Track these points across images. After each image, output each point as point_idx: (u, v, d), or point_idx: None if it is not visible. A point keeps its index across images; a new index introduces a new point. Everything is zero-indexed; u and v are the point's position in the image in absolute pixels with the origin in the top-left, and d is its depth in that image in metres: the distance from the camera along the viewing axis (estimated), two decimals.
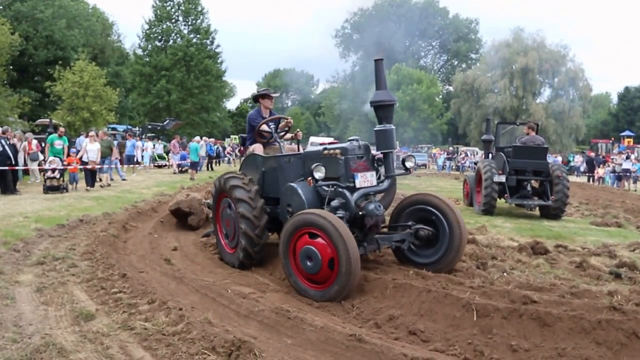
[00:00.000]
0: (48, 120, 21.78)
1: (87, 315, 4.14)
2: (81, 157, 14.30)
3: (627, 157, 24.97)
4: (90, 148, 14.14)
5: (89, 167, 14.00)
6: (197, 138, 23.56)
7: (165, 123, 31.62)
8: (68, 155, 14.76)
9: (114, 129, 27.56)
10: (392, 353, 3.42)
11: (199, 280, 5.39)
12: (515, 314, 3.95)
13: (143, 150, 22.97)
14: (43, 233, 7.34)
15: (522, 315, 3.93)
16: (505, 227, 9.63)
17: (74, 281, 5.16)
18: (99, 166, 14.53)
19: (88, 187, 13.72)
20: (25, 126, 23.53)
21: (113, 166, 17.43)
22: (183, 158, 21.80)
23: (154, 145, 25.25)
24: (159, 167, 23.81)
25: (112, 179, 16.78)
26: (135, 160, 21.52)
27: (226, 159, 32.81)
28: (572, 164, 34.32)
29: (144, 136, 29.03)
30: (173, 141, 24.41)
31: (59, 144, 14.27)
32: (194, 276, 5.59)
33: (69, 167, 13.78)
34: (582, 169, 31.82)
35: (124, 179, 17.06)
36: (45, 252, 6.24)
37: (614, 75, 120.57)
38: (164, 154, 25.11)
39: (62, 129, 15.34)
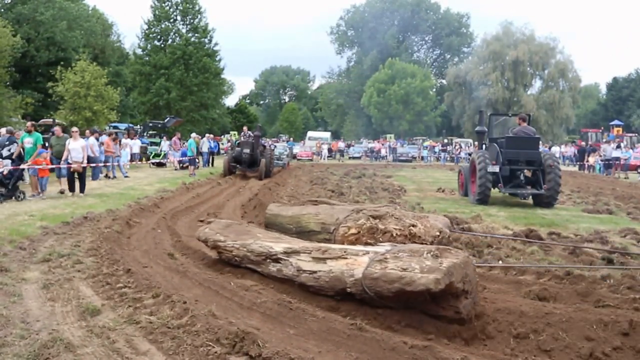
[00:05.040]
0: (51, 120, 21.88)
1: (93, 311, 4.19)
2: (66, 159, 12.18)
3: (618, 147, 25.06)
4: (73, 147, 12.29)
5: (82, 166, 12.22)
6: (194, 134, 23.54)
7: (166, 121, 31.80)
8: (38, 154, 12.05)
9: (115, 127, 27.64)
10: (392, 341, 3.47)
11: (202, 273, 5.46)
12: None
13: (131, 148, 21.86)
14: (48, 231, 7.41)
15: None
16: (499, 216, 9.72)
17: (80, 277, 5.22)
18: (83, 164, 12.44)
19: (70, 193, 11.82)
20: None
21: (116, 164, 17.58)
22: (183, 155, 21.87)
23: (161, 143, 25.07)
24: (158, 165, 23.32)
25: (114, 176, 16.91)
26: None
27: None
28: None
29: (145, 134, 29.15)
30: (174, 138, 24.53)
31: (28, 142, 12.03)
32: (197, 270, 5.65)
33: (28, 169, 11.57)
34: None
35: (126, 176, 17.18)
36: (50, 250, 6.30)
37: (602, 66, 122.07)
38: (162, 152, 24.72)
39: (29, 124, 12.77)
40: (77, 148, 12.33)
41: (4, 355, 3.35)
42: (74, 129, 13.42)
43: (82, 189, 12.16)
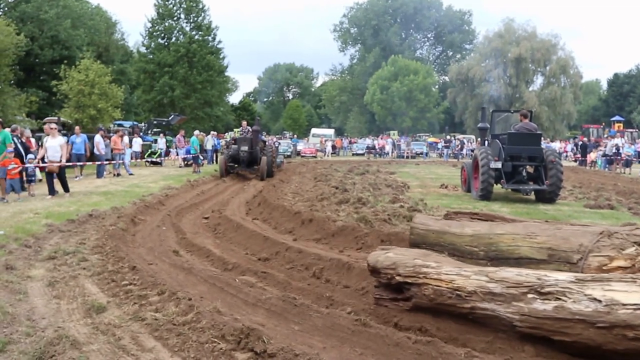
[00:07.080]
0: (56, 118, 21.97)
1: (98, 308, 4.21)
2: (42, 158, 11.26)
3: (617, 150, 24.88)
4: (50, 144, 11.15)
5: (61, 166, 11.11)
6: (197, 132, 23.54)
7: (170, 118, 31.93)
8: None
9: (120, 125, 27.73)
10: (396, 337, 3.48)
11: (207, 270, 5.48)
12: None
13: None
14: (53, 228, 7.44)
15: None
16: (502, 212, 9.65)
17: (85, 275, 5.24)
18: (58, 163, 11.09)
19: (67, 194, 11.00)
20: (33, 124, 23.76)
21: (121, 161, 17.63)
22: (188, 152, 21.93)
23: (158, 140, 25.05)
24: (153, 163, 22.65)
25: (119, 174, 16.97)
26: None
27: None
28: None
29: (150, 131, 29.22)
30: (178, 136, 24.58)
31: None
32: (202, 267, 5.68)
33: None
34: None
35: (131, 174, 17.24)
36: (56, 247, 6.32)
37: (603, 62, 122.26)
38: (159, 150, 24.17)
39: None
40: (55, 146, 11.16)
41: (10, 353, 3.36)
42: (52, 125, 12.12)
43: (65, 189, 11.14)
